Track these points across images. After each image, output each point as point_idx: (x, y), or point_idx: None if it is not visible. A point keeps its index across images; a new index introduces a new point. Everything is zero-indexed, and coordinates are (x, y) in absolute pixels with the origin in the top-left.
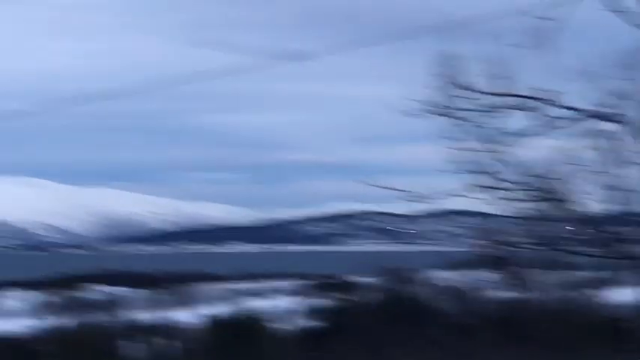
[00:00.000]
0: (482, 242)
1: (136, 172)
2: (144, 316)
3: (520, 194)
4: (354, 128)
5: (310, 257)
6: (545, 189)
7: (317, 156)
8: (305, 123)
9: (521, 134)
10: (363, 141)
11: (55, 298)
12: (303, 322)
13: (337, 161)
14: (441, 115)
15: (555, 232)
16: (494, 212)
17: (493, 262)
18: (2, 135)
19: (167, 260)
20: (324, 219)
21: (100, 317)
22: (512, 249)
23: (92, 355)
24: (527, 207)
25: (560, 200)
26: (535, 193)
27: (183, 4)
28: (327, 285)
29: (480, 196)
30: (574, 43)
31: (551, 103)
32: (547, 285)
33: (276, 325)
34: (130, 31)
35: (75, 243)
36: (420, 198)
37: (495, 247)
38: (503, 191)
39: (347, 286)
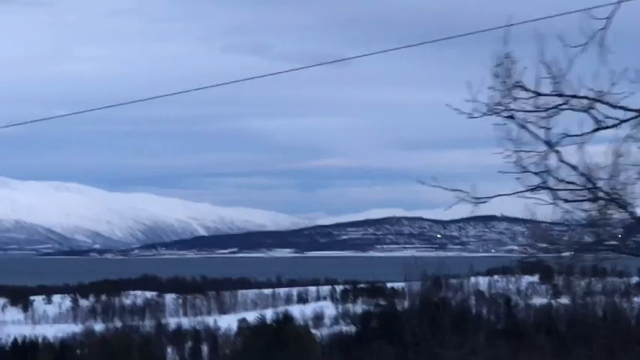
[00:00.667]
0: (527, 248)
1: (173, 178)
2: (184, 321)
3: (575, 195)
4: (394, 133)
5: (349, 262)
6: (601, 190)
7: (356, 161)
8: (345, 128)
9: (577, 135)
10: (404, 146)
11: (95, 303)
12: (341, 327)
13: (377, 166)
14: (496, 115)
15: (607, 235)
16: (542, 217)
17: (538, 268)
18: (39, 140)
19: (205, 265)
20: (364, 224)
21: (140, 322)
22: (559, 254)
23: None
24: (583, 209)
25: (616, 202)
26: (591, 195)
27: (215, 9)
28: (365, 290)
29: (532, 198)
30: (631, 42)
31: (608, 103)
32: (593, 290)
33: (314, 330)
34: (162, 36)
35: (113, 248)
36: (464, 202)
37: (540, 252)
38: (558, 192)
39: (386, 292)
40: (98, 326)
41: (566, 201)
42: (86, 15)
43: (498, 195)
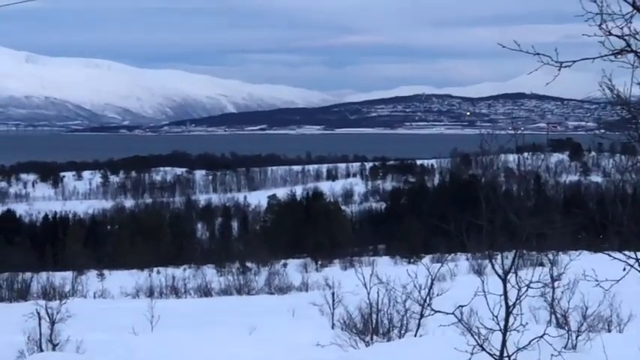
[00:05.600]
0: (555, 126)
1: (203, 54)
2: (214, 197)
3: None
4: (425, 10)
5: (378, 139)
6: None
7: (386, 38)
8: (375, 5)
9: None
10: (435, 23)
11: (125, 179)
12: (370, 204)
13: (407, 44)
14: None
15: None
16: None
17: (567, 146)
18: (69, 16)
19: (234, 142)
20: (393, 101)
21: (170, 198)
22: (588, 133)
23: (167, 235)
24: None
25: None
26: None
27: None
28: (395, 167)
29: (615, 62)
30: None
31: None
32: (622, 169)
33: (344, 206)
34: None
35: (143, 124)
36: (548, 66)
37: (565, 130)
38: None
39: (415, 169)
40: (128, 202)
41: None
42: None
43: (584, 58)
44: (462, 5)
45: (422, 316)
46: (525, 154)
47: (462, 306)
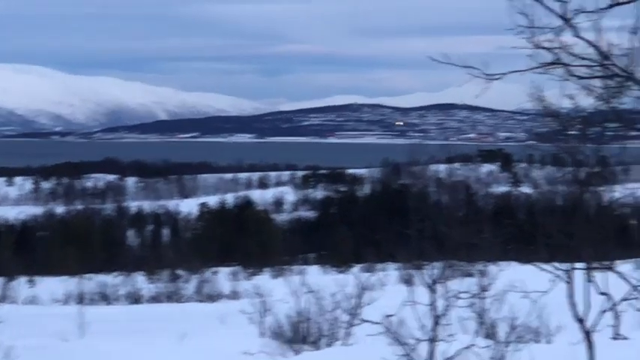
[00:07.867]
0: (486, 136)
1: (135, 62)
2: (145, 204)
3: (591, 72)
4: (359, 20)
5: (310, 148)
6: (616, 66)
7: (320, 48)
8: (308, 14)
9: (592, 12)
10: (368, 33)
11: (56, 185)
12: (301, 213)
13: (340, 53)
14: None
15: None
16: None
17: (496, 157)
18: (1, 21)
19: (166, 149)
20: (325, 111)
21: (101, 205)
22: (519, 144)
23: (97, 242)
24: (597, 86)
25: (632, 78)
26: (606, 71)
27: None
28: (326, 176)
29: (545, 75)
30: None
31: None
32: (551, 180)
33: (274, 215)
34: None
35: (75, 131)
36: (477, 79)
37: (496, 141)
38: (573, 69)
39: (346, 178)
40: (59, 208)
41: (580, 78)
42: None
43: (513, 71)
44: (395, 15)
45: (350, 325)
46: (456, 165)
47: (389, 315)
